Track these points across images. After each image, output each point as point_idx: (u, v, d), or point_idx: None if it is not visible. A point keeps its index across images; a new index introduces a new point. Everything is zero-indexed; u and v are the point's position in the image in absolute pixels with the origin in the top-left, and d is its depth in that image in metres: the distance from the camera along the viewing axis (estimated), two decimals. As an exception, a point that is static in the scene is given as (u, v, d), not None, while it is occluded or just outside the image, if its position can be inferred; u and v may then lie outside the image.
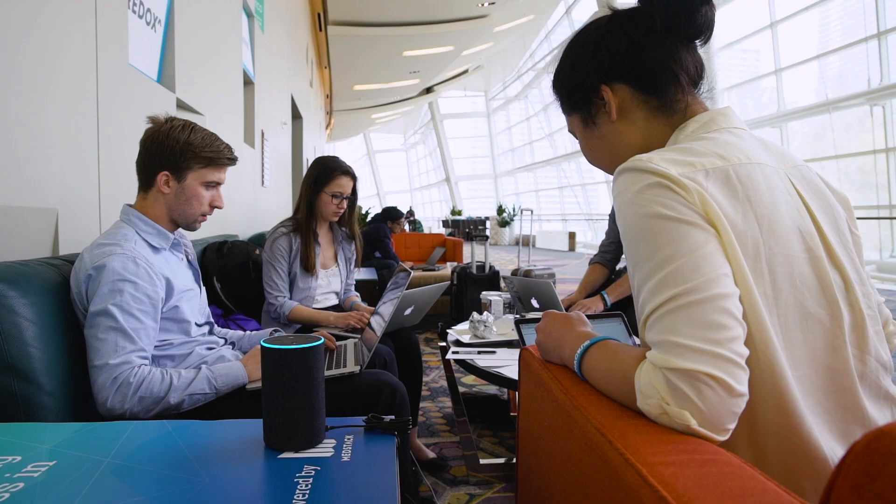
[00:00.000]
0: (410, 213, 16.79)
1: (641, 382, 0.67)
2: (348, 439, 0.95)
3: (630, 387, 0.69)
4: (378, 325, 1.78)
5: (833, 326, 0.76)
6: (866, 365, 0.78)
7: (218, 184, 1.52)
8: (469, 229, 19.37)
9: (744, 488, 0.50)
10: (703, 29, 0.89)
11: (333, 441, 0.94)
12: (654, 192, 0.74)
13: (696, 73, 0.92)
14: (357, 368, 1.54)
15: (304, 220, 2.43)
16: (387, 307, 1.87)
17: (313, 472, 0.82)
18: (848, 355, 0.76)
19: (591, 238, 17.63)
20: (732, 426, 0.65)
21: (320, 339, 0.93)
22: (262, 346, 0.91)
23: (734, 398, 0.63)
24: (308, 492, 0.76)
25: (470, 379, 3.43)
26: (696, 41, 0.91)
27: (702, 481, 0.51)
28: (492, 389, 3.24)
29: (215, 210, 1.55)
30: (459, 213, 23.09)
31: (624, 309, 2.34)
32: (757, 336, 0.71)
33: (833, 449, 0.73)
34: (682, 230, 0.71)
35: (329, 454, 0.89)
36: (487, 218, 20.64)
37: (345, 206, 2.49)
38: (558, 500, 0.79)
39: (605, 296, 2.73)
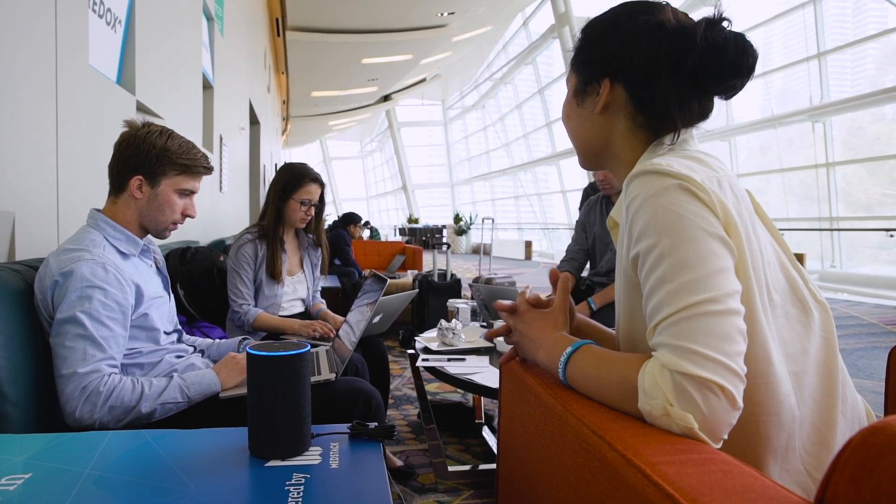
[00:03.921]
0: (366, 223, 16.75)
1: (646, 383, 0.68)
2: (334, 446, 0.94)
3: (629, 389, 0.70)
4: (349, 334, 1.77)
5: (809, 322, 0.82)
6: (835, 352, 0.84)
7: (192, 192, 1.49)
8: (426, 237, 19.38)
9: (744, 485, 0.52)
10: (726, 90, 0.87)
11: (319, 448, 0.93)
12: (678, 195, 0.74)
13: (697, 117, 0.91)
14: (333, 376, 1.53)
15: (272, 227, 2.40)
16: (356, 315, 1.86)
17: (303, 479, 0.81)
18: (824, 345, 0.83)
19: (547, 247, 17.86)
20: (726, 437, 0.67)
21: (307, 345, 0.92)
22: (248, 354, 0.89)
23: (734, 410, 0.66)
24: (300, 500, 0.75)
25: (433, 386, 3.43)
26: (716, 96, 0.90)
27: (704, 479, 0.53)
28: (456, 397, 3.25)
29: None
30: (416, 220, 23.05)
31: (609, 315, 2.38)
32: (759, 342, 0.74)
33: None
34: (706, 239, 0.72)
35: (317, 462, 0.88)
36: (444, 226, 20.66)
37: (312, 212, 2.47)
38: None
39: (591, 302, 2.76)
